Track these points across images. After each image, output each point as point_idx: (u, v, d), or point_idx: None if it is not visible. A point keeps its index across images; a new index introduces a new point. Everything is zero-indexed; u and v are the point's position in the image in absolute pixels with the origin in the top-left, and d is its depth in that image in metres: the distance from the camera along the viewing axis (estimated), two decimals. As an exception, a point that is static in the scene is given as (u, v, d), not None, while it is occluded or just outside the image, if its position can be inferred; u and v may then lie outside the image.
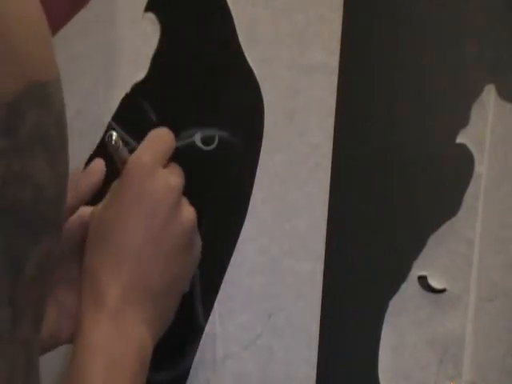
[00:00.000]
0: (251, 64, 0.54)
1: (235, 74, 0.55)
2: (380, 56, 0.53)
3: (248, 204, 0.54)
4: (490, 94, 0.52)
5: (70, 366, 0.42)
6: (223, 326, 0.54)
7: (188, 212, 0.48)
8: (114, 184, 0.47)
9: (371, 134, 0.53)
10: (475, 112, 0.52)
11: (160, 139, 0.49)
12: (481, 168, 0.52)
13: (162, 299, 0.46)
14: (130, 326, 0.44)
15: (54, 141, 0.32)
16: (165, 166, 0.48)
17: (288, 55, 0.54)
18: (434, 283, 0.52)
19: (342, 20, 0.53)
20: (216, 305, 0.54)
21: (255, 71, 0.54)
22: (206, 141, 0.54)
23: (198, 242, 0.50)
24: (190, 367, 0.54)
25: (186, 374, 0.54)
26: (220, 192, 0.54)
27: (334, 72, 0.53)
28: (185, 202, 0.48)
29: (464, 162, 0.53)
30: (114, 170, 0.47)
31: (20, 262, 0.29)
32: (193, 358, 0.54)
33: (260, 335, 0.53)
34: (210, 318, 0.54)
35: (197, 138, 0.54)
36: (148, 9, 0.55)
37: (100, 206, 0.47)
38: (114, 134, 0.46)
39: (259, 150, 0.54)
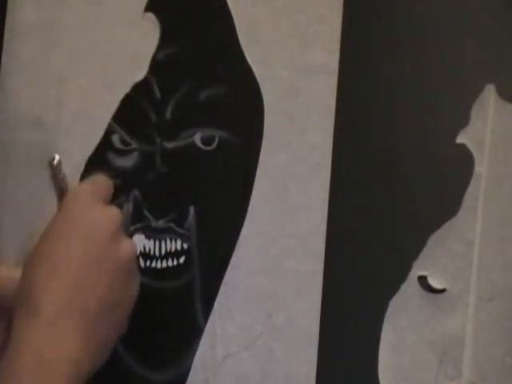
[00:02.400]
0: (251, 64, 0.54)
1: (235, 73, 0.55)
2: (380, 56, 0.53)
3: (248, 204, 0.54)
4: (490, 94, 0.52)
5: (2, 365, 0.42)
6: (223, 326, 0.54)
7: (128, 245, 0.48)
8: (59, 209, 0.49)
9: (371, 133, 0.53)
10: (475, 112, 0.52)
11: (100, 180, 0.52)
12: (481, 168, 0.52)
13: (97, 323, 0.45)
14: (64, 337, 0.43)
15: None
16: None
17: (288, 55, 0.54)
18: (434, 283, 0.52)
19: (341, 20, 0.53)
20: (216, 305, 0.54)
21: (255, 71, 0.54)
22: (206, 141, 0.54)
23: (137, 279, 0.50)
24: (190, 367, 0.54)
25: (186, 374, 0.54)
26: (220, 192, 0.54)
27: (334, 72, 0.53)
28: (125, 236, 0.49)
29: (464, 161, 0.53)
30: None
31: None
32: (193, 358, 0.54)
33: (260, 335, 0.53)
34: (210, 318, 0.54)
35: (197, 138, 0.54)
36: (148, 9, 0.55)
37: (41, 230, 0.48)
38: (57, 158, 0.49)
39: (259, 150, 0.54)
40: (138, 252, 0.54)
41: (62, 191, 0.50)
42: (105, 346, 0.47)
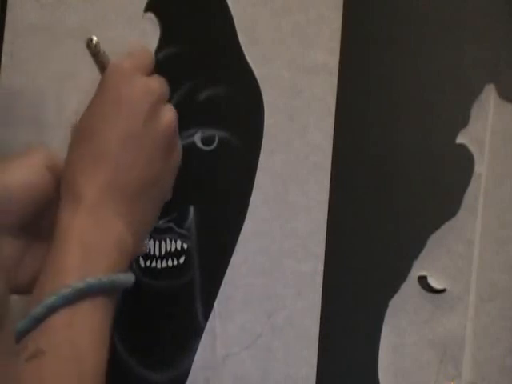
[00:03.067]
0: (251, 64, 0.54)
1: (235, 73, 0.55)
2: (380, 56, 0.53)
3: (248, 204, 0.54)
4: (490, 94, 0.52)
5: (46, 257, 0.42)
6: (223, 326, 0.54)
7: (168, 115, 0.47)
8: (98, 85, 0.47)
9: (371, 133, 0.53)
10: (475, 112, 0.52)
11: (141, 53, 0.49)
12: (481, 168, 0.52)
13: (140, 201, 0.46)
14: (107, 220, 0.43)
15: None
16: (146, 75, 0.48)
17: (288, 55, 0.54)
18: (434, 283, 0.52)
19: (341, 20, 0.53)
20: (216, 305, 0.54)
21: (255, 71, 0.54)
22: (206, 141, 0.54)
23: (178, 147, 0.50)
24: (190, 367, 0.54)
25: (186, 374, 0.54)
26: (220, 192, 0.54)
27: (334, 72, 0.53)
28: (167, 105, 0.48)
29: (464, 161, 0.53)
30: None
31: None
32: (193, 358, 0.54)
33: (260, 335, 0.53)
34: (210, 318, 0.54)
35: (197, 138, 0.54)
36: (148, 9, 0.55)
37: (84, 111, 0.47)
38: (95, 39, 0.46)
39: (259, 150, 0.54)
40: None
41: (104, 67, 0.47)
42: (148, 220, 0.48)
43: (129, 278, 0.44)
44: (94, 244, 0.42)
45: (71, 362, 0.39)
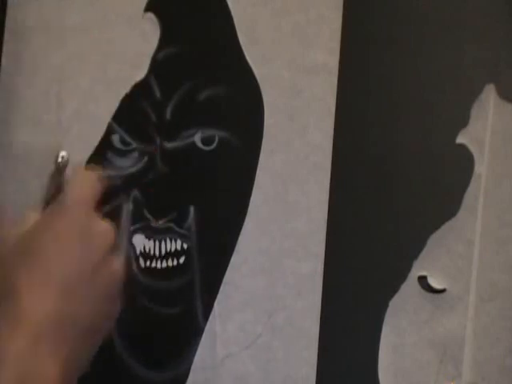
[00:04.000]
0: (251, 64, 0.54)
1: (235, 73, 0.55)
2: (380, 56, 0.53)
3: (248, 204, 0.54)
4: (490, 94, 0.52)
5: None
6: (223, 326, 0.54)
7: (119, 264, 0.47)
8: (52, 206, 0.47)
9: (371, 134, 0.53)
10: (475, 112, 0.52)
11: (90, 181, 0.48)
12: (481, 168, 0.52)
13: (78, 339, 0.43)
14: (45, 356, 0.41)
15: None
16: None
17: (288, 55, 0.54)
18: (434, 283, 0.52)
19: (341, 20, 0.53)
20: (216, 305, 0.54)
21: (255, 71, 0.54)
22: (206, 141, 0.54)
23: (119, 304, 0.48)
24: (190, 367, 0.54)
25: (186, 374, 0.54)
26: (220, 192, 0.54)
27: (334, 72, 0.53)
28: (116, 255, 0.47)
29: (464, 162, 0.53)
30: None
31: None
32: (193, 358, 0.54)
33: (260, 335, 0.53)
34: (210, 317, 0.54)
35: (197, 138, 0.54)
36: (148, 9, 0.55)
37: (34, 220, 0.46)
38: (64, 154, 0.48)
39: (259, 150, 0.54)
40: (138, 252, 0.54)
41: (59, 189, 0.48)
42: (82, 364, 0.45)
43: None
44: (28, 372, 0.40)
45: None
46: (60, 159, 0.49)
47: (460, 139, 0.53)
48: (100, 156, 0.54)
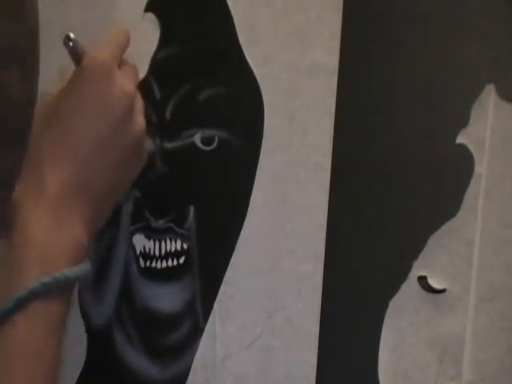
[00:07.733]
0: (251, 64, 0.54)
1: (235, 74, 0.55)
2: (380, 56, 0.53)
3: (248, 204, 0.54)
4: (490, 93, 0.52)
5: (5, 255, 0.42)
6: (223, 326, 0.54)
7: (138, 122, 0.48)
8: (74, 75, 0.47)
9: (371, 134, 0.53)
10: (475, 112, 0.52)
11: (118, 37, 0.49)
12: (481, 168, 0.52)
13: (100, 203, 0.46)
14: (67, 220, 0.43)
15: (27, 54, 0.32)
16: (120, 63, 0.49)
17: (288, 55, 0.54)
18: (434, 283, 0.52)
19: (341, 20, 0.53)
20: (216, 305, 0.54)
21: (255, 71, 0.54)
22: (206, 141, 0.54)
23: (143, 154, 0.50)
24: (190, 367, 0.54)
25: (185, 374, 0.54)
26: (220, 192, 0.54)
27: (334, 72, 0.53)
28: (137, 110, 0.48)
29: (464, 162, 0.53)
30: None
31: None
32: (193, 358, 0.54)
33: (260, 335, 0.53)
34: (210, 318, 0.54)
35: (197, 138, 0.54)
36: (148, 9, 0.55)
37: (58, 90, 0.47)
38: (72, 36, 0.47)
39: (259, 150, 0.54)
40: (138, 252, 0.54)
41: (79, 58, 0.47)
42: (102, 221, 0.48)
43: (81, 269, 0.43)
44: (52, 245, 0.42)
45: (21, 362, 0.39)
46: (71, 43, 0.47)
47: (460, 139, 0.53)
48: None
